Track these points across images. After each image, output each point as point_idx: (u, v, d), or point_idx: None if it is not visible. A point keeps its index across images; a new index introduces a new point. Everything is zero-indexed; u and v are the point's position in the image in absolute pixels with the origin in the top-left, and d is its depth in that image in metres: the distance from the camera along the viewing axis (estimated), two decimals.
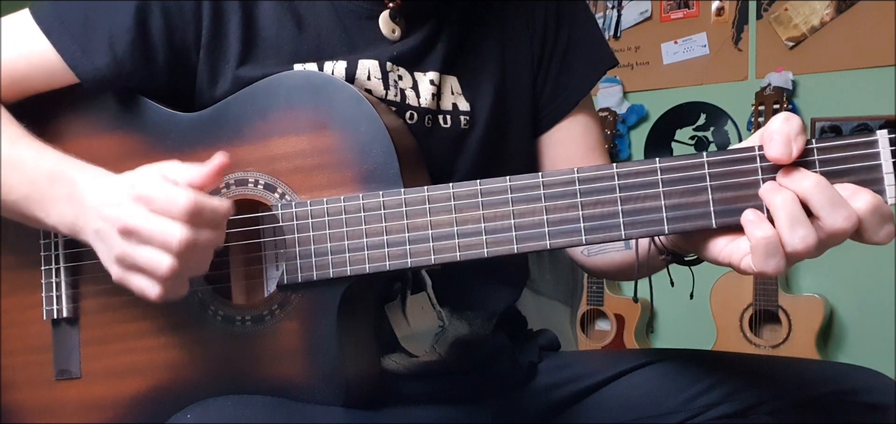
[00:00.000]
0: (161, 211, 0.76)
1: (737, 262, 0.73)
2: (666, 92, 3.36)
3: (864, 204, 0.68)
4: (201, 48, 0.92)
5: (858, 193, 0.68)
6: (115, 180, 0.81)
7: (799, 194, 0.69)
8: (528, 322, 1.16)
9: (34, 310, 0.94)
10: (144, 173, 0.79)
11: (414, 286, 0.92)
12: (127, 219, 0.77)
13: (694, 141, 3.31)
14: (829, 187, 0.68)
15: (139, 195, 0.77)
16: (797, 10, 3.09)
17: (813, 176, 0.69)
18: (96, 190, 0.82)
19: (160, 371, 0.90)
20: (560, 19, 1.07)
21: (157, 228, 0.76)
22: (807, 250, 0.68)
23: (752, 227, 0.70)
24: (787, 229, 0.68)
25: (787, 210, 0.68)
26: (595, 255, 1.03)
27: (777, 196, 0.69)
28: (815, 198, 0.68)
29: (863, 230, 0.68)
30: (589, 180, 0.75)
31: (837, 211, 0.67)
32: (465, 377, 1.00)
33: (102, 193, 0.81)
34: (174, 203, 0.75)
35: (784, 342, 2.85)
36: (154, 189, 0.76)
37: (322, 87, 0.86)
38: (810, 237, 0.68)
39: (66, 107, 0.93)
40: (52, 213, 0.84)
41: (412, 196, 0.80)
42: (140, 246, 0.77)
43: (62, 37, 0.90)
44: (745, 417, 0.92)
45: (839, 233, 0.68)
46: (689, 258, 0.85)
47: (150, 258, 0.77)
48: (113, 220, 0.78)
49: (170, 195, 0.76)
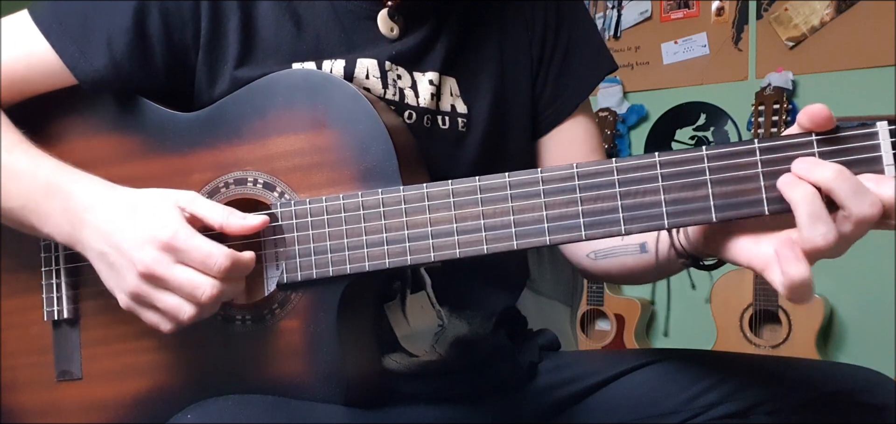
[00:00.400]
0: (195, 266, 0.78)
1: (760, 269, 0.71)
2: (666, 92, 3.36)
3: (889, 190, 0.66)
4: (200, 49, 0.92)
5: (880, 179, 0.67)
6: (118, 201, 0.82)
7: (820, 186, 0.67)
8: (528, 322, 1.16)
9: (35, 312, 0.94)
10: (170, 219, 0.79)
11: (413, 286, 0.92)
12: (154, 267, 0.78)
13: (694, 141, 3.31)
14: (851, 176, 0.66)
15: (171, 248, 0.78)
16: (797, 10, 3.09)
17: (833, 165, 0.67)
18: (97, 209, 0.82)
19: (160, 372, 0.90)
20: (560, 22, 1.07)
21: (187, 280, 0.78)
22: (827, 246, 0.66)
23: (789, 267, 0.67)
24: (809, 226, 0.66)
25: (808, 208, 0.66)
26: (602, 259, 1.02)
27: (797, 191, 0.67)
28: (839, 188, 0.66)
29: (889, 215, 0.66)
30: (588, 176, 0.75)
31: (863, 198, 0.65)
32: (465, 376, 1.00)
33: (108, 217, 0.82)
34: (212, 264, 0.78)
35: (784, 342, 2.85)
36: (190, 247, 0.78)
37: (320, 85, 0.86)
38: (831, 234, 0.66)
39: (66, 107, 0.93)
40: (48, 224, 0.85)
41: (411, 194, 0.80)
42: (162, 293, 0.79)
43: (61, 38, 0.90)
44: (746, 417, 0.92)
45: (867, 221, 0.66)
46: (707, 263, 0.84)
47: (173, 305, 0.79)
48: (136, 262, 0.79)
49: (207, 255, 0.78)
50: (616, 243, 0.96)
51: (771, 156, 0.70)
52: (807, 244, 0.66)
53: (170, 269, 0.78)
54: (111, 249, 0.81)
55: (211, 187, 0.88)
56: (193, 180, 0.88)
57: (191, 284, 0.78)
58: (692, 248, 0.83)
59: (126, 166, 0.91)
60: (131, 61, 0.90)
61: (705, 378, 0.96)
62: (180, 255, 0.78)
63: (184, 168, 0.89)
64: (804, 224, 0.67)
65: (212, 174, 0.88)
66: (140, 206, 0.81)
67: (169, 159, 0.89)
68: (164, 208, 0.81)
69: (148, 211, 0.80)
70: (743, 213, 0.71)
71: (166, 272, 0.78)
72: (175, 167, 0.89)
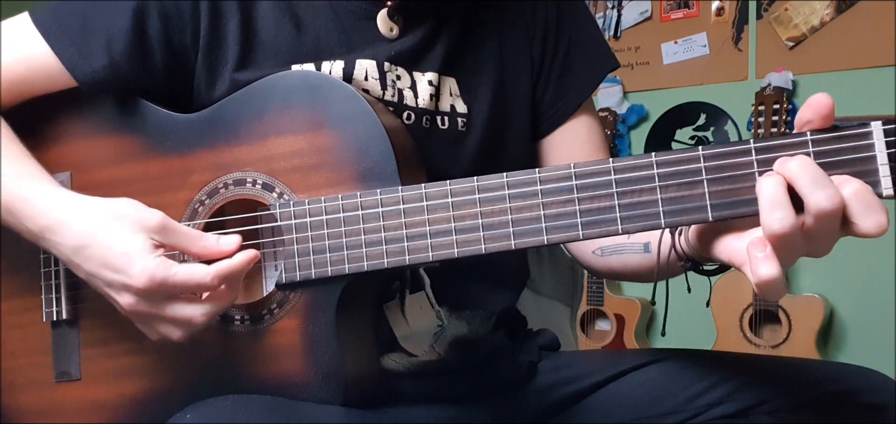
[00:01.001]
0: (183, 298, 0.81)
1: (739, 265, 0.72)
2: (666, 92, 3.36)
3: (850, 189, 0.66)
4: (199, 50, 0.92)
5: (847, 180, 0.67)
6: (78, 232, 0.83)
7: (787, 177, 0.67)
8: (527, 322, 1.16)
9: (34, 312, 0.94)
10: (140, 261, 0.80)
11: (412, 286, 0.92)
12: (140, 308, 0.81)
13: (694, 141, 3.32)
14: (813, 166, 0.67)
15: (152, 290, 0.80)
16: (797, 10, 3.09)
17: (799, 158, 0.68)
18: (59, 233, 0.84)
19: (159, 372, 0.90)
20: (560, 21, 1.06)
21: (179, 315, 0.81)
22: (783, 232, 0.66)
23: (757, 265, 0.67)
24: (767, 211, 0.67)
25: (768, 192, 0.67)
26: (609, 255, 1.02)
27: (764, 180, 0.68)
28: (799, 176, 0.66)
29: (849, 216, 0.66)
30: (585, 176, 0.75)
31: (821, 190, 0.65)
32: (465, 376, 1.00)
33: (75, 245, 0.83)
34: (201, 287, 0.81)
35: (784, 342, 2.85)
36: (174, 283, 0.79)
37: (319, 86, 0.86)
38: (787, 220, 0.66)
39: (66, 109, 0.93)
40: (24, 227, 0.87)
41: (410, 194, 0.80)
42: (158, 317, 0.82)
43: (60, 39, 0.90)
44: (746, 417, 0.92)
45: (823, 213, 0.65)
46: (707, 268, 0.84)
47: (168, 329, 0.83)
48: (123, 304, 0.82)
49: (194, 284, 0.80)
50: (622, 240, 0.96)
51: (766, 156, 0.70)
52: (766, 230, 0.67)
53: (158, 307, 0.81)
54: (93, 277, 0.83)
55: (210, 187, 0.88)
56: (192, 181, 0.88)
57: (184, 317, 0.81)
58: (692, 251, 0.83)
59: (125, 167, 0.91)
60: (130, 62, 0.90)
61: (705, 378, 0.96)
62: (166, 290, 0.80)
63: (183, 169, 0.89)
64: (764, 209, 0.67)
65: (211, 175, 0.88)
66: (101, 241, 0.82)
67: (168, 160, 0.89)
68: (128, 246, 0.81)
69: (111, 250, 0.81)
70: (738, 212, 0.71)
71: (156, 310, 0.81)
72: (174, 168, 0.89)
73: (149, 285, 0.78)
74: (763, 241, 0.68)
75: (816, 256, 0.70)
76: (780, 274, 0.67)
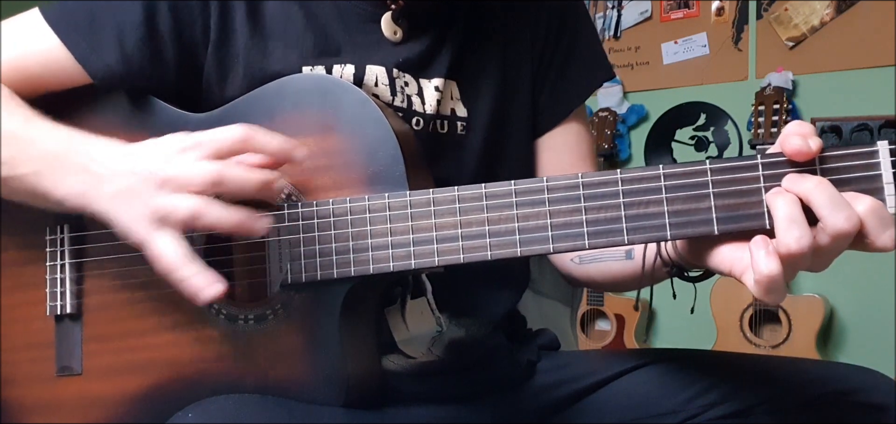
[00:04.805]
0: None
1: (738, 274, 0.72)
2: (666, 92, 3.36)
3: (865, 206, 0.67)
4: (209, 46, 0.92)
5: (859, 197, 0.68)
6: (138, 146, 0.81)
7: (801, 196, 0.68)
8: (527, 322, 1.16)
9: (37, 306, 0.94)
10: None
11: (414, 292, 0.92)
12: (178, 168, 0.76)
13: (694, 141, 3.32)
14: (831, 188, 0.67)
15: (190, 146, 0.77)
16: (797, 10, 3.09)
17: (815, 177, 0.68)
18: (118, 158, 0.80)
19: (161, 369, 0.90)
20: (562, 27, 1.07)
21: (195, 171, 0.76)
22: (800, 251, 0.66)
23: (759, 262, 0.67)
24: (784, 229, 0.67)
25: (785, 211, 0.67)
26: (588, 263, 1.02)
27: (778, 198, 0.68)
28: (816, 197, 0.67)
29: (865, 233, 0.67)
30: (593, 186, 0.75)
31: (839, 211, 0.66)
32: (464, 376, 1.00)
33: (128, 150, 0.80)
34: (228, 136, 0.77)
35: (784, 342, 2.86)
36: (208, 138, 0.77)
37: (330, 90, 0.86)
38: (805, 239, 0.66)
39: (78, 107, 0.93)
40: (63, 186, 0.82)
41: (417, 199, 0.80)
42: (181, 194, 0.76)
43: (72, 34, 0.90)
44: (745, 417, 0.92)
45: (841, 234, 0.66)
46: (692, 274, 0.85)
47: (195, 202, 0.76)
48: (155, 172, 0.77)
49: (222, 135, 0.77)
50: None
51: (773, 171, 0.71)
52: (782, 248, 0.67)
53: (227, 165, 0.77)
54: (129, 173, 0.78)
55: None
56: None
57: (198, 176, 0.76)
58: (678, 258, 0.83)
59: None
60: (142, 57, 0.90)
61: (705, 378, 0.96)
62: (202, 148, 0.77)
63: None
64: (780, 226, 0.67)
65: None
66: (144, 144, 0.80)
67: None
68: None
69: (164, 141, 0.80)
70: (743, 226, 0.72)
71: (226, 168, 0.76)
72: None
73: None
74: (765, 239, 0.68)
75: (816, 270, 0.70)
76: (781, 272, 0.67)
